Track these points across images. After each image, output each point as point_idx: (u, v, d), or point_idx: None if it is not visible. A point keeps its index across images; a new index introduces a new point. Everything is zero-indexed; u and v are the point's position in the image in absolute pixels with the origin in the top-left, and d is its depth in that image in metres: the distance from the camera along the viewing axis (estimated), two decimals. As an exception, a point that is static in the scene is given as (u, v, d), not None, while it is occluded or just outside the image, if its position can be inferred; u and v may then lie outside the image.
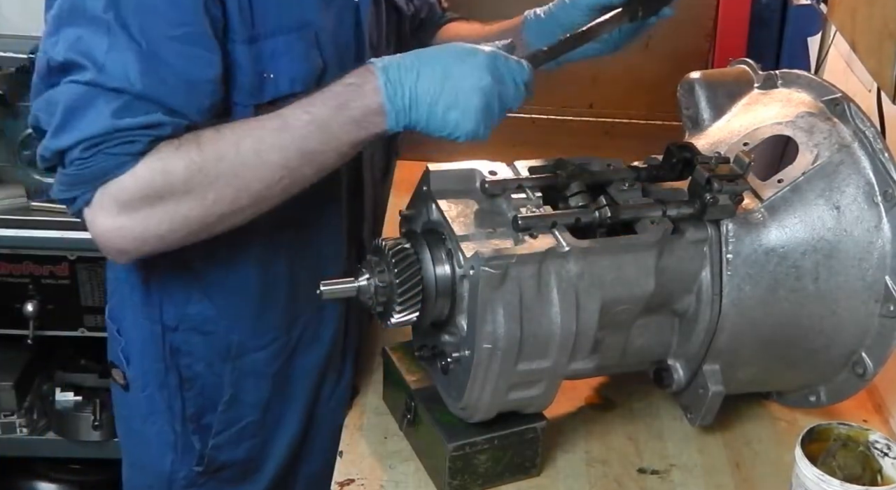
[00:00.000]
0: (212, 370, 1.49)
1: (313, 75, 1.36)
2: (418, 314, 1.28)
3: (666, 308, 1.37)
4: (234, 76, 1.31)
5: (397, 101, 1.26)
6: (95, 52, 1.20)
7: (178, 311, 1.46)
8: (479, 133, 1.28)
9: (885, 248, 1.34)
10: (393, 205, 1.88)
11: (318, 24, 1.36)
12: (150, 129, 1.22)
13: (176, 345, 1.48)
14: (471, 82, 1.26)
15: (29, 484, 2.66)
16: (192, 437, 1.51)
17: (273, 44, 1.32)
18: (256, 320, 1.48)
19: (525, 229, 1.26)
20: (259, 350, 1.49)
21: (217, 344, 1.48)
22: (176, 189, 1.23)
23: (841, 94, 1.42)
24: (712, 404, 1.41)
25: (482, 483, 1.36)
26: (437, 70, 1.26)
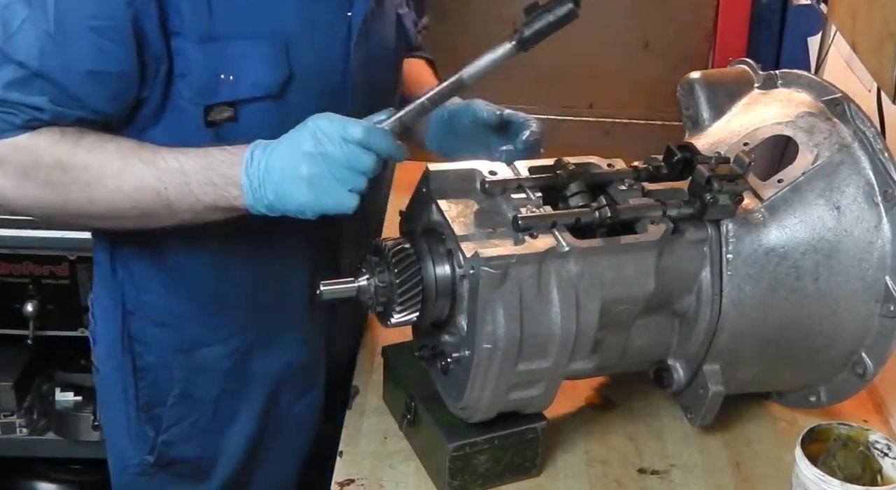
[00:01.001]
0: (163, 362, 1.50)
1: (277, 83, 1.34)
2: (418, 314, 1.28)
3: (666, 308, 1.37)
4: (180, 74, 1.31)
5: (254, 179, 1.25)
6: (12, 21, 1.22)
7: (138, 296, 1.48)
8: (323, 203, 1.23)
9: (885, 248, 1.34)
10: (393, 205, 1.88)
11: (293, 34, 1.33)
12: (31, 109, 1.24)
13: (132, 331, 1.49)
14: (295, 150, 1.23)
15: (29, 484, 2.66)
16: (145, 426, 1.53)
17: (236, 46, 1.30)
18: (210, 317, 1.48)
19: (525, 229, 1.26)
20: (212, 345, 1.50)
21: (171, 336, 1.49)
22: (39, 177, 1.27)
23: (841, 94, 1.42)
24: (712, 404, 1.41)
25: (482, 483, 1.36)
26: (282, 144, 1.25)
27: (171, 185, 1.26)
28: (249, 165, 1.25)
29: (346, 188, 1.23)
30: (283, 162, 1.24)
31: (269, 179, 1.24)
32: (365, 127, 1.24)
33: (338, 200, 1.24)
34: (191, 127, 1.33)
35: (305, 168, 1.22)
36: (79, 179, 1.27)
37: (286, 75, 1.34)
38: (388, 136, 1.26)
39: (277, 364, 1.54)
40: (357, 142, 1.23)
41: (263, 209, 1.26)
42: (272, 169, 1.24)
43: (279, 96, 1.34)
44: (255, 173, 1.25)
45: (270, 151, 1.25)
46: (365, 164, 1.24)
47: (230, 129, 1.34)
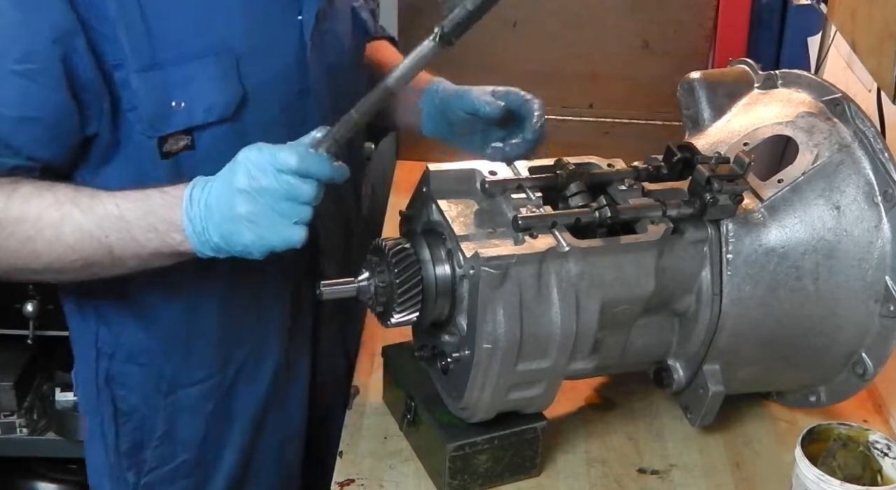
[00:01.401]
0: (148, 403, 1.45)
1: (232, 104, 1.28)
2: (418, 314, 1.28)
3: (666, 308, 1.37)
4: (129, 107, 1.25)
5: (196, 222, 1.18)
6: None
7: (114, 338, 1.43)
8: (269, 240, 1.16)
9: (885, 248, 1.34)
10: (393, 205, 1.88)
11: (241, 49, 1.27)
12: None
13: (112, 373, 1.45)
14: (230, 188, 1.17)
15: (29, 484, 2.66)
16: (127, 472, 1.48)
17: (183, 70, 1.25)
18: (186, 356, 1.44)
19: (525, 229, 1.26)
20: (191, 386, 1.45)
21: (152, 376, 1.44)
22: None
23: (841, 94, 1.42)
24: (712, 404, 1.41)
25: (482, 483, 1.36)
26: (220, 181, 1.18)
27: (112, 233, 1.21)
28: (189, 207, 1.18)
29: (290, 221, 1.16)
30: (220, 201, 1.17)
31: (212, 220, 1.17)
32: (299, 154, 1.16)
33: (283, 236, 1.17)
34: (147, 160, 1.28)
35: (243, 207, 1.15)
36: (16, 233, 1.21)
37: (240, 94, 1.28)
38: (325, 159, 1.18)
39: (258, 397, 1.50)
40: (292, 171, 1.15)
41: (210, 252, 1.20)
42: (212, 208, 1.17)
43: (235, 118, 1.28)
44: (196, 215, 1.18)
45: (209, 190, 1.18)
46: (305, 193, 1.16)
47: (188, 158, 1.29)
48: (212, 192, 1.18)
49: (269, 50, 1.30)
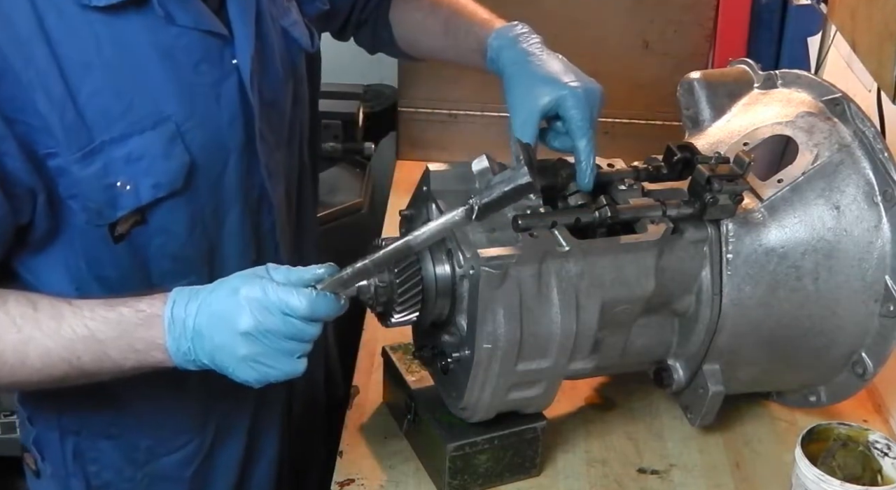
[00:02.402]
0: (122, 476, 1.39)
1: (180, 175, 1.21)
2: (418, 314, 1.28)
3: (666, 308, 1.37)
4: (75, 196, 1.19)
5: (181, 342, 1.13)
6: None
7: (79, 415, 1.35)
8: (270, 375, 1.13)
9: (885, 248, 1.34)
10: (393, 205, 1.88)
11: (180, 114, 1.19)
12: None
13: (81, 450, 1.37)
14: (230, 327, 1.11)
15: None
16: None
17: (124, 149, 1.17)
18: (161, 427, 1.38)
19: (525, 229, 1.26)
20: (170, 454, 1.39)
21: (125, 449, 1.38)
22: None
23: (841, 94, 1.42)
24: (712, 404, 1.41)
25: (482, 483, 1.36)
26: (213, 309, 1.12)
27: (85, 354, 1.14)
28: (172, 327, 1.13)
29: (292, 357, 1.13)
30: (218, 337, 1.11)
31: (202, 347, 1.12)
32: (308, 299, 1.11)
33: (285, 370, 1.13)
34: (97, 246, 1.23)
35: (245, 349, 1.11)
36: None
37: (187, 162, 1.21)
38: (332, 300, 1.13)
39: (239, 446, 1.45)
40: (300, 316, 1.11)
41: (195, 368, 1.15)
42: (204, 336, 1.12)
43: (185, 188, 1.22)
44: (181, 335, 1.13)
45: (197, 312, 1.12)
46: (309, 333, 1.13)
47: (141, 233, 1.23)
48: (199, 315, 1.12)
49: (209, 105, 1.24)
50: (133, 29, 1.17)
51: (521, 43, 1.41)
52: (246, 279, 1.13)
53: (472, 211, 1.14)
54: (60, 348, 1.14)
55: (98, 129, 1.16)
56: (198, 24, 1.21)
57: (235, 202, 1.30)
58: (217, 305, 1.12)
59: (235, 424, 1.44)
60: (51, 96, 1.14)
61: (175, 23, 1.19)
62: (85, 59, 1.15)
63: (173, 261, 1.26)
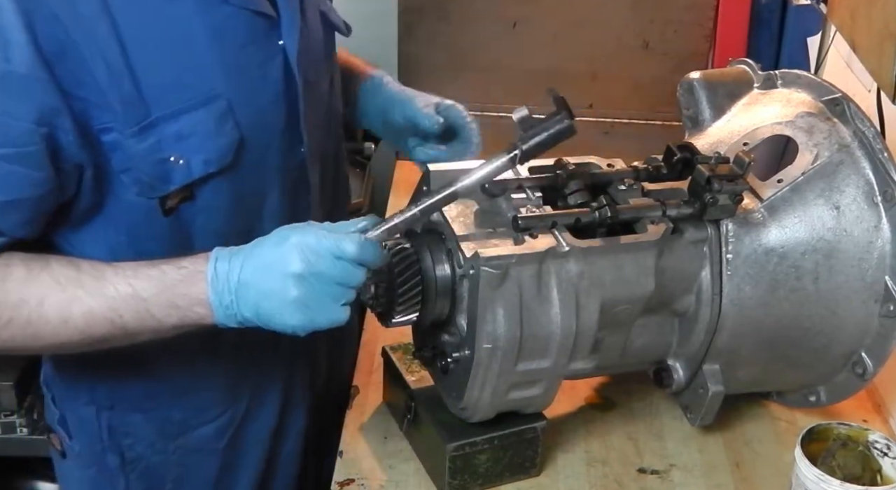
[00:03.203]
0: (154, 449, 1.42)
1: (230, 152, 1.25)
2: (418, 314, 1.28)
3: (666, 308, 1.37)
4: (129, 170, 1.22)
5: (224, 296, 1.16)
6: None
7: (112, 389, 1.39)
8: (316, 321, 1.16)
9: (885, 248, 1.34)
10: (393, 205, 1.88)
11: (229, 93, 1.23)
12: None
13: (114, 424, 1.40)
14: (280, 269, 1.15)
15: (29, 484, 2.66)
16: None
17: (177, 125, 1.21)
18: (194, 399, 1.41)
19: (525, 229, 1.26)
20: (204, 425, 1.43)
21: (158, 421, 1.41)
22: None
23: (841, 94, 1.42)
24: (712, 404, 1.41)
25: (482, 483, 1.36)
26: (260, 260, 1.16)
27: (127, 312, 1.17)
28: (215, 281, 1.16)
29: (339, 303, 1.16)
30: (266, 283, 1.15)
31: (246, 298, 1.16)
32: (358, 242, 1.16)
33: (331, 317, 1.16)
34: (143, 220, 1.26)
35: (296, 291, 1.14)
36: (17, 318, 1.16)
37: (237, 140, 1.25)
38: (378, 247, 1.19)
39: (270, 419, 1.48)
40: (350, 258, 1.15)
41: (235, 324, 1.18)
42: (249, 287, 1.15)
43: (233, 166, 1.26)
44: (224, 289, 1.16)
45: (242, 265, 1.16)
46: (357, 278, 1.17)
47: (188, 209, 1.27)
48: (244, 267, 1.16)
49: (256, 84, 1.27)
50: (187, 8, 1.21)
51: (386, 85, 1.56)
52: (294, 228, 1.17)
53: (515, 156, 1.19)
54: (103, 307, 1.17)
55: (153, 104, 1.20)
56: (247, 5, 1.25)
57: (276, 182, 1.34)
58: (265, 255, 1.16)
59: (266, 398, 1.47)
60: (111, 71, 1.16)
61: (228, 2, 1.23)
62: (143, 36, 1.18)
63: (215, 238, 1.28)
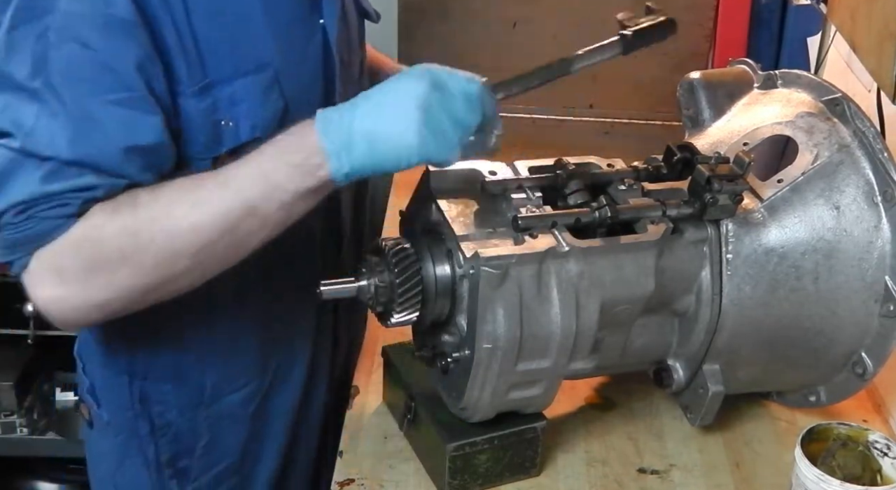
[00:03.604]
0: (185, 417, 1.44)
1: (274, 119, 1.29)
2: (418, 314, 1.28)
3: (666, 308, 1.37)
4: (186, 131, 1.25)
5: (334, 137, 1.16)
6: (24, 119, 1.14)
7: (146, 360, 1.42)
8: (430, 149, 1.16)
9: (885, 248, 1.34)
10: (393, 205, 1.88)
11: (277, 63, 1.29)
12: (82, 192, 1.15)
13: (146, 393, 1.43)
14: (405, 90, 1.16)
15: (29, 484, 2.66)
16: (170, 482, 1.47)
17: (229, 89, 1.26)
18: (229, 364, 1.44)
19: (525, 229, 1.26)
20: (234, 393, 1.45)
21: (189, 390, 1.43)
22: (111, 256, 1.16)
23: (841, 94, 1.42)
24: (712, 404, 1.41)
25: (482, 483, 1.36)
26: (374, 96, 1.18)
27: (252, 188, 1.17)
28: (326, 123, 1.17)
29: (452, 138, 1.17)
30: (387, 104, 1.16)
31: (362, 124, 1.16)
32: (481, 85, 1.20)
33: (445, 151, 1.17)
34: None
35: (418, 112, 1.15)
36: (156, 236, 1.17)
37: (281, 109, 1.30)
38: (494, 98, 1.22)
39: (294, 395, 1.51)
40: (476, 94, 1.18)
41: (347, 168, 1.16)
42: (366, 115, 1.16)
43: (278, 133, 1.26)
44: (337, 126, 1.16)
45: (355, 104, 1.18)
46: (474, 119, 1.18)
47: None
48: (357, 105, 1.17)
49: (298, 59, 1.32)
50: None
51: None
52: (416, 67, 1.20)
53: (624, 40, 1.29)
54: (229, 191, 1.17)
55: (210, 67, 1.24)
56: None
57: None
58: (386, 86, 1.18)
59: (292, 370, 1.50)
60: (178, 33, 1.21)
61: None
62: (205, 3, 1.23)
63: None
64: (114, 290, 1.18)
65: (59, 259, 1.17)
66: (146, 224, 1.17)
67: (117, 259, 1.17)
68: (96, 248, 1.17)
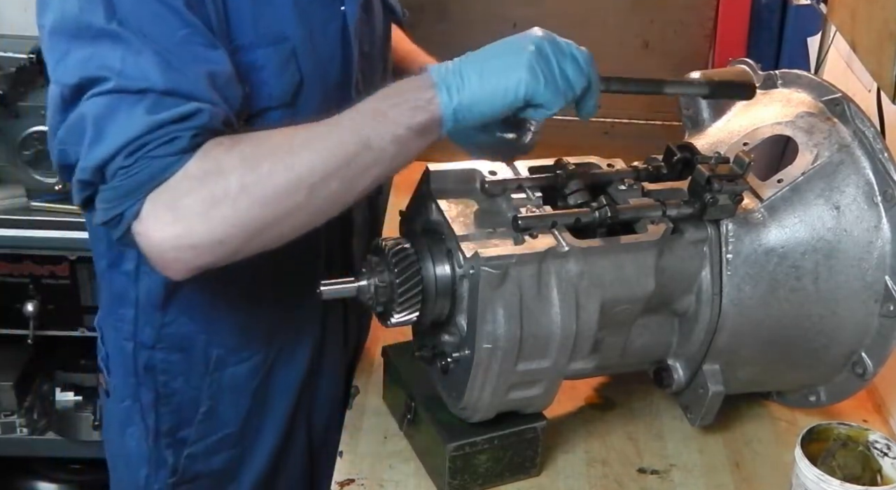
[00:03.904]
0: (189, 384, 1.46)
1: (290, 91, 1.32)
2: (418, 314, 1.28)
3: (666, 308, 1.37)
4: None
5: (445, 73, 1.21)
6: (111, 63, 1.16)
7: (155, 330, 1.44)
8: (539, 86, 1.19)
9: (885, 248, 1.34)
10: (393, 205, 1.88)
11: (296, 38, 1.32)
12: (187, 121, 1.16)
13: (152, 363, 1.45)
14: (519, 37, 1.23)
15: (29, 484, 2.66)
16: (166, 451, 1.49)
17: (251, 57, 1.29)
18: (238, 335, 1.46)
19: (525, 229, 1.26)
20: (239, 364, 1.47)
21: (195, 359, 1.45)
22: (231, 188, 1.16)
23: (841, 94, 1.42)
24: (712, 404, 1.41)
25: (482, 483, 1.36)
26: (488, 47, 1.23)
27: (366, 125, 1.20)
28: (439, 68, 1.22)
29: (563, 85, 1.21)
30: (501, 46, 1.22)
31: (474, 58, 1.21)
32: (589, 53, 1.25)
33: (551, 90, 1.20)
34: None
35: (532, 51, 1.20)
36: (274, 168, 1.17)
37: (298, 81, 1.32)
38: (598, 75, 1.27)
39: (297, 374, 1.52)
40: (586, 58, 1.23)
41: (457, 100, 1.20)
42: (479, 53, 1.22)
43: (291, 104, 1.32)
44: (447, 69, 1.21)
45: (464, 56, 1.22)
46: (581, 80, 1.23)
47: None
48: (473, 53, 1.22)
49: (316, 38, 1.35)
50: None
51: None
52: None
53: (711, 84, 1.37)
54: (344, 127, 1.20)
55: (235, 33, 1.27)
56: None
57: None
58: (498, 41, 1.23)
59: (298, 349, 1.51)
60: (215, 3, 1.25)
61: None
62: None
63: None
64: (234, 224, 1.17)
65: (177, 196, 1.16)
66: (265, 156, 1.18)
67: (237, 190, 1.16)
68: (216, 180, 1.16)
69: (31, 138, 2.27)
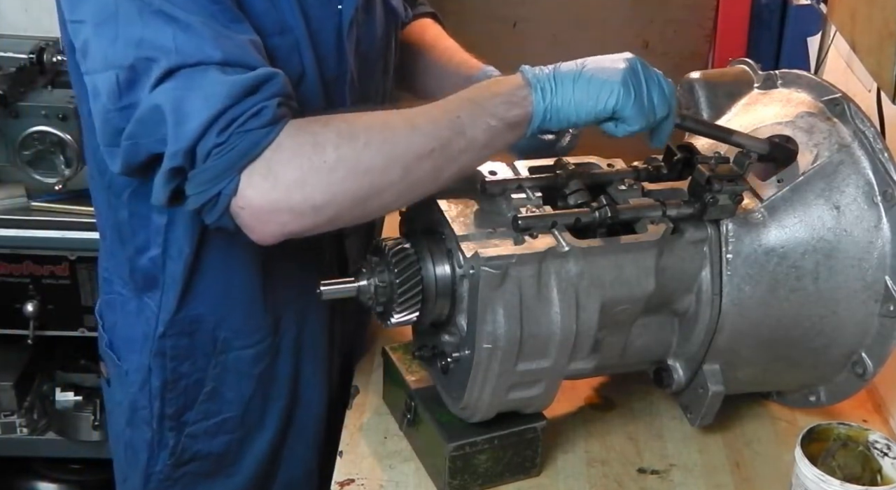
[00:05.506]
0: (196, 367, 1.48)
1: (293, 81, 1.30)
2: (418, 314, 1.28)
3: (666, 308, 1.37)
4: None
5: (541, 75, 1.26)
6: (164, 42, 1.17)
7: (169, 317, 1.45)
8: (629, 100, 1.25)
9: (885, 248, 1.34)
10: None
11: (299, 30, 1.33)
12: (264, 89, 1.18)
13: (162, 349, 1.47)
14: (616, 55, 1.28)
15: (29, 484, 2.66)
16: (168, 433, 1.51)
17: (265, 44, 1.29)
18: (245, 321, 1.47)
19: (525, 229, 1.26)
20: (244, 349, 1.48)
21: (202, 341, 1.47)
22: (328, 158, 1.19)
23: (841, 94, 1.42)
24: (712, 404, 1.41)
25: (482, 483, 1.36)
26: (581, 60, 1.28)
27: (461, 111, 1.24)
28: (534, 70, 1.27)
29: (647, 106, 1.26)
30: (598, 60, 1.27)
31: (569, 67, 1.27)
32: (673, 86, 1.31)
33: (637, 107, 1.26)
34: None
35: (625, 68, 1.26)
36: (371, 141, 1.20)
37: (300, 73, 1.34)
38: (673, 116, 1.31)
39: (299, 364, 1.53)
40: (672, 89, 1.29)
41: (548, 101, 1.25)
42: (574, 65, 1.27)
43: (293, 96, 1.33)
44: (542, 73, 1.26)
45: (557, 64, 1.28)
46: (664, 107, 1.28)
47: None
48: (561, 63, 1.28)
49: (316, 35, 1.36)
50: None
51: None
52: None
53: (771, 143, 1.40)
54: (441, 111, 1.24)
55: (250, 20, 1.27)
56: None
57: None
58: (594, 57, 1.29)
59: (301, 341, 1.52)
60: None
61: None
62: None
63: None
64: (331, 193, 1.20)
65: (274, 166, 1.18)
66: (362, 130, 1.21)
67: (334, 161, 1.19)
68: (313, 151, 1.19)
69: (31, 138, 2.27)
